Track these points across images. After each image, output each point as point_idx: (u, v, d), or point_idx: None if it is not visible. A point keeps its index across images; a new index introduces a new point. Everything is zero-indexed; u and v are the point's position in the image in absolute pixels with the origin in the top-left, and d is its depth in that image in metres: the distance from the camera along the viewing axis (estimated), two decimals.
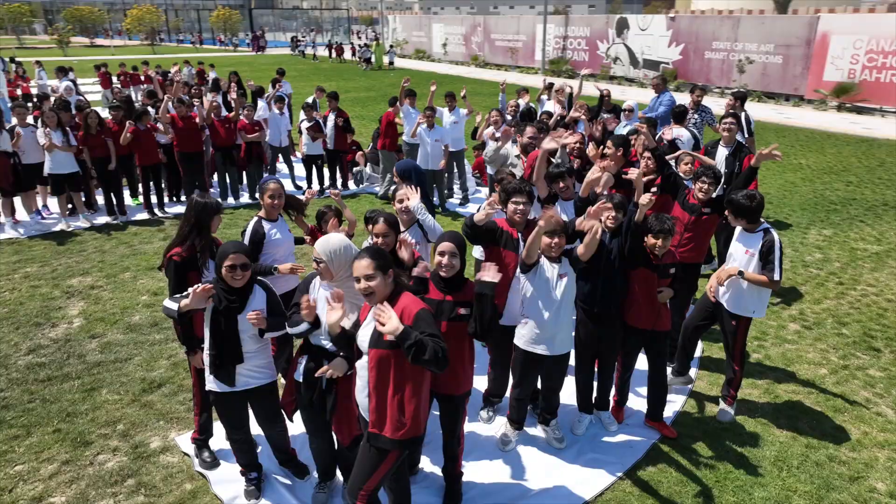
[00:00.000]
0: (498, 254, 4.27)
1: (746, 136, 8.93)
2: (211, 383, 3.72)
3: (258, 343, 3.70)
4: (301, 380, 3.65)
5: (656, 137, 8.10)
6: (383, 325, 2.77)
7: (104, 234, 8.80)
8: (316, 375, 3.39)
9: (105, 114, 11.33)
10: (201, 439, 4.35)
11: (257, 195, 4.70)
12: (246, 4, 72.56)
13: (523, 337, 4.11)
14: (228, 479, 4.15)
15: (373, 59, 35.82)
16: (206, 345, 3.66)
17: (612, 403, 4.81)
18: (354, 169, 11.34)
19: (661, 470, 4.31)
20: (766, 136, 15.64)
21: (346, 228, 4.69)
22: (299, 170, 11.10)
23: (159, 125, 9.33)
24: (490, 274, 3.31)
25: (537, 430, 4.67)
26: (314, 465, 4.03)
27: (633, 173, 4.48)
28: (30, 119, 9.21)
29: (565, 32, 30.98)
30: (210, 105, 9.73)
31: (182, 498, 4.04)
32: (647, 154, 5.54)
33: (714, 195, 5.14)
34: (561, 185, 4.94)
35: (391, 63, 36.30)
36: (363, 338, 3.07)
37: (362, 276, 2.95)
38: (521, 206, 4.18)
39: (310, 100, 11.17)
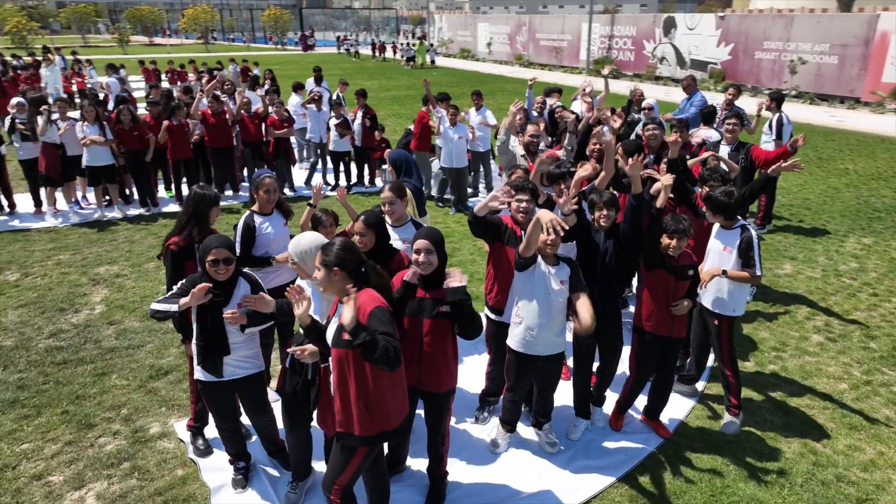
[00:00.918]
0: (502, 250, 4.22)
1: (774, 138, 8.60)
2: (198, 373, 3.78)
3: (244, 333, 3.74)
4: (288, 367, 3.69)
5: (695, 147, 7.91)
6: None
7: (135, 225, 9.10)
8: (287, 350, 3.40)
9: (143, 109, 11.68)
10: (196, 427, 4.43)
11: (252, 189, 4.75)
12: (298, 4, 73.94)
13: (516, 337, 4.04)
14: (218, 468, 4.22)
15: (416, 58, 36.07)
16: (194, 336, 3.72)
17: (606, 404, 4.69)
18: (383, 166, 11.40)
19: (656, 480, 4.17)
20: (812, 140, 15.02)
21: (346, 229, 4.70)
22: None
23: (190, 122, 9.58)
24: (456, 279, 3.29)
25: (530, 433, 4.58)
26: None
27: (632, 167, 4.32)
28: (75, 113, 9.60)
29: (611, 32, 30.45)
30: (240, 101, 9.94)
31: (172, 483, 4.12)
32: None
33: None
34: (562, 186, 4.83)
35: (433, 62, 36.46)
36: (328, 336, 3.08)
37: (315, 267, 3.00)
38: (523, 204, 4.11)
39: (333, 95, 11.28)
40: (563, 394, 4.74)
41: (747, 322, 6.30)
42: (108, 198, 9.67)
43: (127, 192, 10.08)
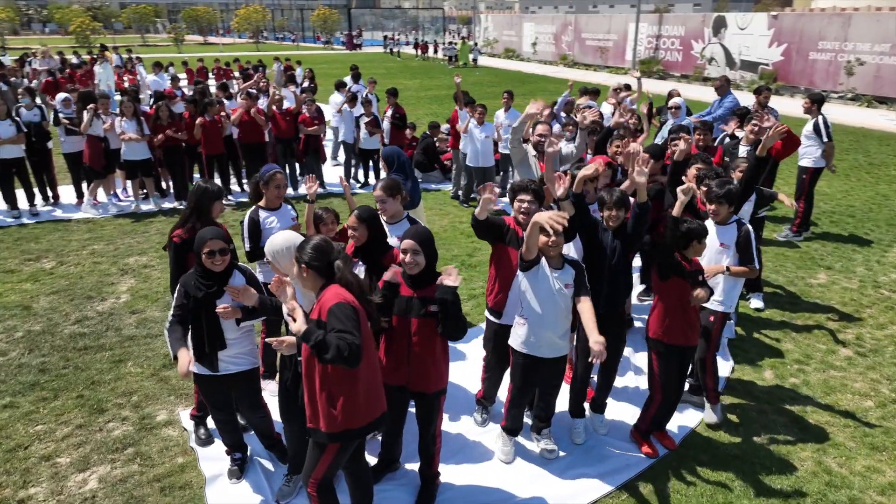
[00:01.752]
0: (503, 251, 4.17)
1: (826, 140, 8.21)
2: (193, 365, 3.84)
3: (240, 330, 3.78)
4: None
5: (719, 137, 7.64)
6: (294, 321, 2.82)
7: (169, 218, 9.36)
8: (266, 340, 3.43)
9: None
10: (199, 416, 4.52)
11: (260, 184, 4.79)
12: (347, 4, 74.96)
13: (519, 338, 3.97)
14: (215, 457, 4.29)
15: (458, 57, 36.19)
16: (190, 332, 3.78)
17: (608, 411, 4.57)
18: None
19: (655, 492, 4.03)
20: (865, 144, 14.34)
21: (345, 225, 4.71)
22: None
23: (224, 118, 9.81)
24: (451, 279, 3.26)
25: (529, 440, 4.49)
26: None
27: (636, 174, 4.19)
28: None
29: (658, 31, 29.78)
30: (272, 98, 10.12)
31: (171, 470, 4.21)
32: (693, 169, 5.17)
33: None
34: (586, 185, 4.70)
35: (475, 61, 36.50)
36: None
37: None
38: (525, 205, 4.04)
39: (362, 92, 11.37)
40: (565, 400, 4.64)
41: (770, 331, 6.04)
42: (144, 191, 9.99)
43: (163, 185, 10.40)
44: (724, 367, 5.39)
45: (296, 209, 4.97)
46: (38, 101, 10.56)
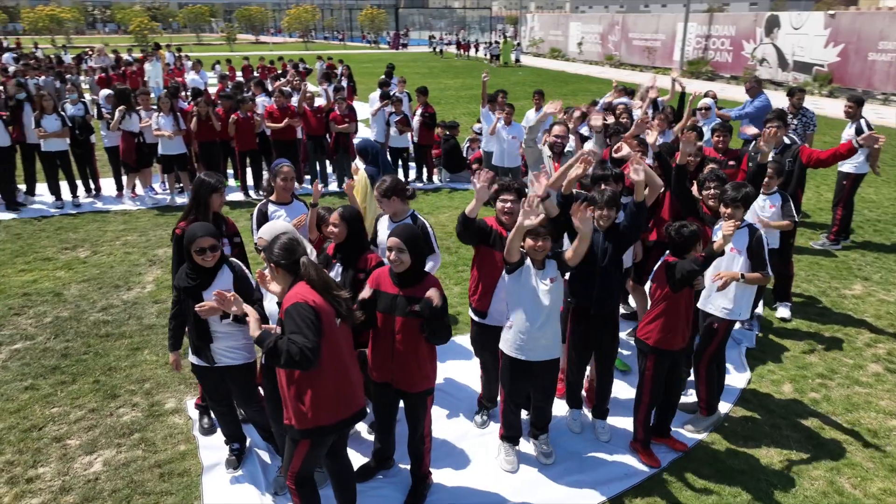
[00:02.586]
0: (487, 252, 4.13)
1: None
2: (191, 356, 3.92)
3: (228, 324, 3.77)
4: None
5: (750, 143, 7.37)
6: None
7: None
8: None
9: None
10: (203, 405, 4.62)
11: (270, 177, 4.87)
12: (395, 4, 75.55)
13: (508, 342, 3.92)
14: (215, 447, 4.37)
15: (500, 57, 36.16)
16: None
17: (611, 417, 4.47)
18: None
19: None
20: None
21: None
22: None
23: (256, 116, 10.02)
24: (432, 293, 3.27)
25: (526, 444, 4.42)
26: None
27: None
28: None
29: (708, 31, 28.96)
30: (303, 95, 10.27)
31: (172, 457, 4.31)
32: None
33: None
34: (602, 187, 4.61)
35: (517, 60, 36.33)
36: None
37: None
38: (508, 205, 3.99)
39: (393, 90, 11.42)
40: (562, 406, 4.55)
41: (795, 342, 5.79)
42: (180, 184, 10.29)
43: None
44: (740, 378, 5.20)
45: (308, 207, 5.01)
46: (89, 96, 10.97)
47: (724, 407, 4.80)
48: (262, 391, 4.07)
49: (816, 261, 7.69)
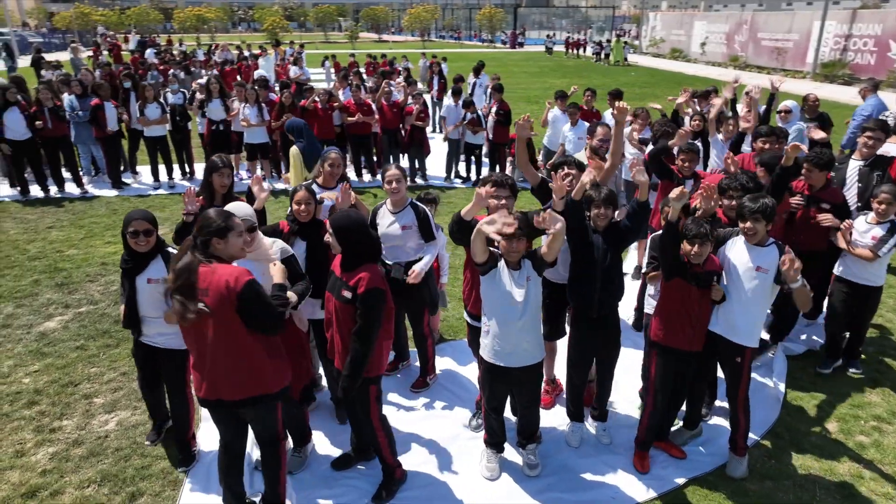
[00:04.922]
0: None
1: None
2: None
3: (159, 311, 3.76)
4: None
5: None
6: None
7: (272, 198, 10.10)
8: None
9: None
10: None
11: (319, 162, 5.07)
12: (515, 3, 75.29)
13: (486, 347, 3.77)
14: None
15: (610, 56, 35.12)
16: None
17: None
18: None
19: None
20: None
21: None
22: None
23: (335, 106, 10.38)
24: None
25: (512, 452, 4.23)
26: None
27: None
28: None
29: (848, 31, 26.26)
30: (381, 90, 10.49)
31: None
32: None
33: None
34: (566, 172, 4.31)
35: (625, 59, 35.08)
36: None
37: None
38: (502, 201, 3.83)
39: (484, 86, 11.36)
40: (550, 417, 4.31)
41: (856, 378, 5.10)
42: (262, 172, 10.87)
43: (282, 168, 11.25)
44: (772, 411, 4.67)
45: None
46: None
47: (750, 440, 4.33)
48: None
49: None
